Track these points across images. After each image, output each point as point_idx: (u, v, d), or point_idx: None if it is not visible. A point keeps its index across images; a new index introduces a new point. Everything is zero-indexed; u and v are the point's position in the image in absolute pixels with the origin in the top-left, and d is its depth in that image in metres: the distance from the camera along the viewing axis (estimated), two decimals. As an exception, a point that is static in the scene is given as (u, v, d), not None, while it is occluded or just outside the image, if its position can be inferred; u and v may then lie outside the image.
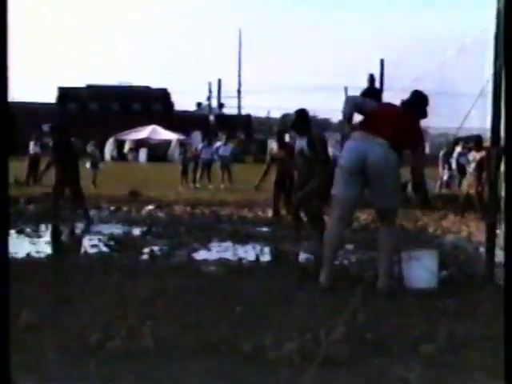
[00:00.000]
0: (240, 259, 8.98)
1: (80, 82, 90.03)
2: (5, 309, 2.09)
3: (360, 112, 7.25)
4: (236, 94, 77.37)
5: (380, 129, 6.84)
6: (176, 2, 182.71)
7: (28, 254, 9.06)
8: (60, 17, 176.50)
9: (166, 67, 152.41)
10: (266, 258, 9.31)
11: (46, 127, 68.69)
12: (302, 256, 9.60)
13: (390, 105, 7.66)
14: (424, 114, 7.33)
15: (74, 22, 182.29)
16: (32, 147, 24.96)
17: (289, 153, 11.83)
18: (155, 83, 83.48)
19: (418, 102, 7.29)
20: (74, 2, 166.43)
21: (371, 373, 4.44)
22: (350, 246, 10.11)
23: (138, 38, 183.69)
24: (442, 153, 24.72)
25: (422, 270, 6.95)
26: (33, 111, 67.88)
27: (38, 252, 9.42)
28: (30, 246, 10.15)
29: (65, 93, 76.41)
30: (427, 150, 25.91)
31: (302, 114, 9.98)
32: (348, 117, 7.18)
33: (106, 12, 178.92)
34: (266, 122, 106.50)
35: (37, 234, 11.52)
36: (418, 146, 7.22)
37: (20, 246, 10.05)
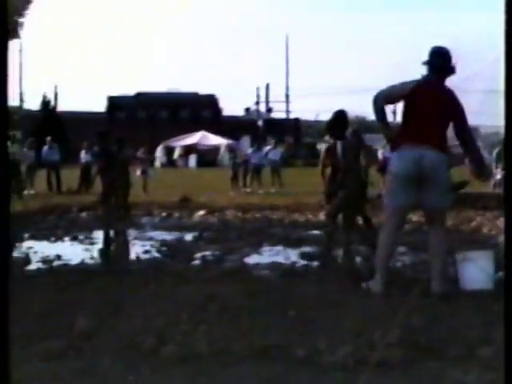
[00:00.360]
0: (292, 263, 8.95)
1: (129, 91, 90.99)
2: (5, 309, 2.10)
3: (392, 101, 7.02)
4: (284, 98, 77.28)
5: (426, 125, 6.68)
6: (223, 9, 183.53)
7: (82, 261, 9.17)
8: (109, 26, 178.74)
9: (214, 73, 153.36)
10: (318, 261, 9.25)
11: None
12: (355, 260, 9.53)
13: (423, 85, 6.97)
14: (452, 70, 7.04)
15: (123, 31, 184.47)
16: (83, 156, 25.30)
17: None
18: (203, 89, 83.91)
19: (441, 62, 7.00)
20: (123, 11, 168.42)
21: (426, 377, 4.38)
22: (402, 249, 10.01)
23: (185, 44, 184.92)
24: (495, 152, 24.36)
25: (477, 272, 6.84)
26: (83, 120, 68.85)
27: (91, 259, 9.54)
28: (83, 253, 10.28)
29: (114, 101, 77.43)
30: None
31: (340, 115, 9.76)
32: (380, 114, 6.96)
33: (155, 20, 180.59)
34: (315, 125, 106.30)
35: (90, 241, 11.66)
36: (464, 116, 6.99)
37: (74, 253, 10.19)
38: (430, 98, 6.82)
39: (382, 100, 6.89)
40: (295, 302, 6.25)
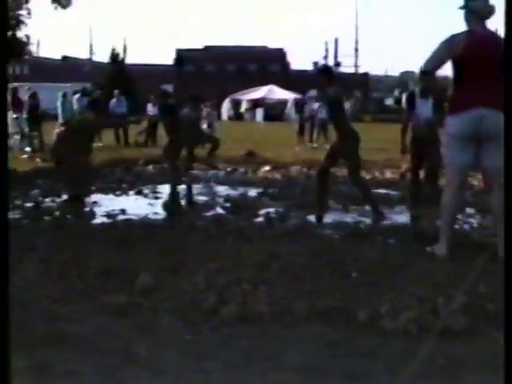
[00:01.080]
0: (357, 222, 8.82)
1: (197, 44, 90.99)
2: (5, 309, 2.06)
3: (440, 66, 6.68)
4: (353, 52, 76.17)
5: (483, 82, 6.37)
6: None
7: (146, 216, 9.22)
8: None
9: (283, 27, 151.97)
10: (384, 221, 9.09)
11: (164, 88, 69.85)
12: (422, 221, 9.34)
13: (471, 38, 6.48)
14: (492, 11, 6.53)
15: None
16: (150, 109, 25.40)
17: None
18: (272, 43, 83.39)
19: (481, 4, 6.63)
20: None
21: (491, 346, 4.25)
22: (471, 210, 9.78)
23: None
24: None
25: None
26: (151, 73, 69.23)
27: (155, 214, 9.58)
28: (147, 207, 10.33)
29: (182, 54, 77.56)
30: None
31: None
32: (434, 85, 6.69)
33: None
34: (384, 80, 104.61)
35: (154, 195, 11.71)
36: None
37: (138, 207, 10.26)
38: (481, 51, 6.46)
39: (432, 69, 6.61)
40: (358, 264, 6.16)
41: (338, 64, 78.32)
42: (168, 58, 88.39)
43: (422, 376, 3.79)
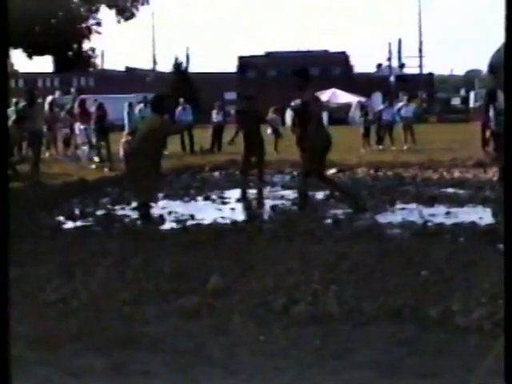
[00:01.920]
0: (425, 222, 8.75)
1: (259, 51, 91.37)
2: (5, 309, 2.10)
3: None
4: (417, 53, 75.34)
5: None
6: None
7: (214, 220, 9.32)
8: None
9: (345, 30, 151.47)
10: (452, 220, 9.00)
11: (227, 96, 70.31)
12: (490, 218, 9.21)
13: None
14: None
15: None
16: (215, 116, 25.58)
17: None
18: (334, 47, 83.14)
19: None
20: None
21: None
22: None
23: (315, 2, 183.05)
24: None
25: None
26: (214, 81, 69.75)
27: (223, 218, 9.67)
28: (215, 212, 10.43)
29: (244, 61, 77.94)
30: None
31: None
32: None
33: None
34: (449, 79, 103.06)
35: (222, 200, 11.80)
36: None
37: (206, 212, 10.37)
38: None
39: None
40: (428, 262, 6.12)
41: (402, 65, 77.47)
42: (230, 66, 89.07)
43: (496, 372, 3.75)
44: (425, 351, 4.28)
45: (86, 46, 20.67)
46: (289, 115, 56.81)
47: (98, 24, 19.57)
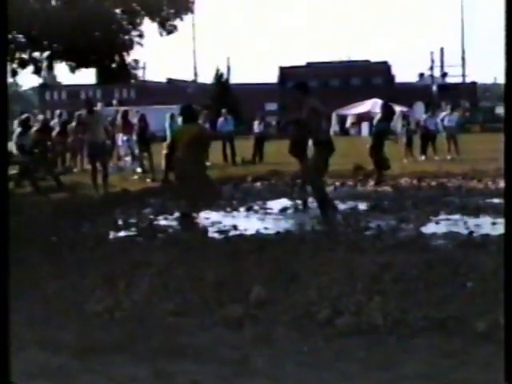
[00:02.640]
0: (470, 233, 8.65)
1: (300, 61, 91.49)
2: (5, 309, 2.10)
3: None
4: (460, 61, 74.74)
5: None
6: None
7: (257, 231, 9.32)
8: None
9: (387, 40, 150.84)
10: (497, 231, 8.87)
11: (268, 106, 70.47)
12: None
13: None
14: None
15: (293, 1, 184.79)
16: (256, 126, 25.64)
17: None
18: (375, 57, 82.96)
19: None
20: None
21: None
22: None
23: (355, 11, 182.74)
24: None
25: None
26: (255, 92, 69.96)
27: (266, 228, 9.66)
28: (258, 222, 10.43)
29: (285, 72, 78.11)
30: None
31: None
32: None
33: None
34: (493, 88, 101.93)
35: (264, 211, 11.79)
36: None
37: (249, 222, 10.37)
38: None
39: None
40: (473, 273, 6.04)
41: (444, 74, 76.97)
42: (271, 77, 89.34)
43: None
44: (471, 364, 4.22)
45: (128, 58, 20.91)
46: (331, 124, 56.69)
47: (141, 36, 19.73)
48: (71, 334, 4.94)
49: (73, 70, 22.12)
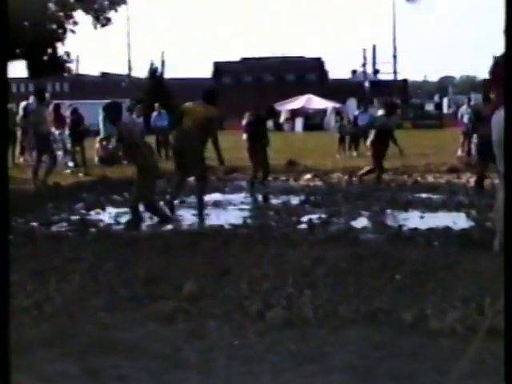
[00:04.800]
0: (399, 226, 8.80)
1: (234, 56, 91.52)
2: (5, 308, 2.09)
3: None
4: (391, 59, 75.75)
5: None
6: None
7: (189, 225, 9.31)
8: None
9: (320, 36, 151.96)
10: (426, 225, 9.05)
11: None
12: (464, 222, 9.28)
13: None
14: None
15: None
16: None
17: None
18: (309, 53, 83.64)
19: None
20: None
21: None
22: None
23: (290, 8, 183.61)
24: None
25: None
26: (190, 86, 69.59)
27: (198, 223, 9.67)
28: (190, 217, 10.42)
29: (220, 67, 78.04)
30: None
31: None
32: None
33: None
34: (423, 85, 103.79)
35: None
36: None
37: (181, 216, 10.35)
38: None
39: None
40: (402, 266, 6.15)
41: (376, 71, 77.94)
42: (206, 72, 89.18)
43: (470, 376, 3.79)
44: (399, 354, 4.31)
45: (60, 50, 20.49)
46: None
47: (75, 23, 19.32)
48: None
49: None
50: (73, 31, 21.39)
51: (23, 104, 22.37)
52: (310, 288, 5.51)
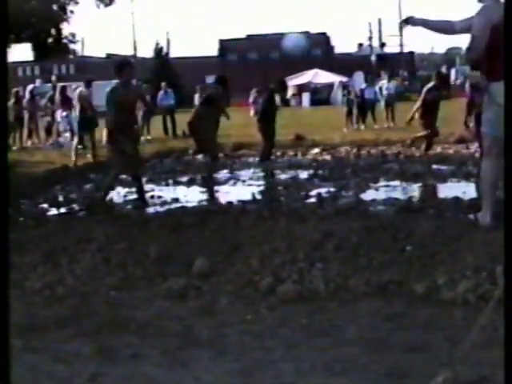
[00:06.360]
0: (409, 198, 8.78)
1: (240, 33, 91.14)
2: (5, 309, 2.08)
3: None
4: (397, 32, 75.24)
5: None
6: None
7: (198, 203, 9.32)
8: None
9: (326, 11, 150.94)
10: (435, 196, 9.04)
11: (209, 79, 70.17)
12: (473, 192, 9.25)
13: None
14: None
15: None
16: (197, 99, 25.50)
17: None
18: (315, 28, 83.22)
19: None
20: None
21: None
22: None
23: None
24: None
25: None
26: (195, 65, 69.53)
27: (208, 200, 9.67)
28: (199, 195, 10.43)
29: (225, 44, 77.76)
30: None
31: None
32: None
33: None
34: (430, 57, 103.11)
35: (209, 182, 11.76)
36: None
37: (191, 195, 10.35)
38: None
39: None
40: (413, 238, 6.14)
41: (383, 44, 77.42)
42: (211, 50, 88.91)
43: (482, 345, 3.78)
44: (411, 326, 4.31)
45: (65, 32, 20.50)
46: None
47: (76, 3, 19.21)
48: (12, 312, 4.87)
49: (8, 44, 21.66)
50: (72, 12, 21.31)
51: (30, 87, 22.39)
52: (321, 262, 5.51)
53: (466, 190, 9.21)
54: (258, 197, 9.70)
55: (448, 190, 9.55)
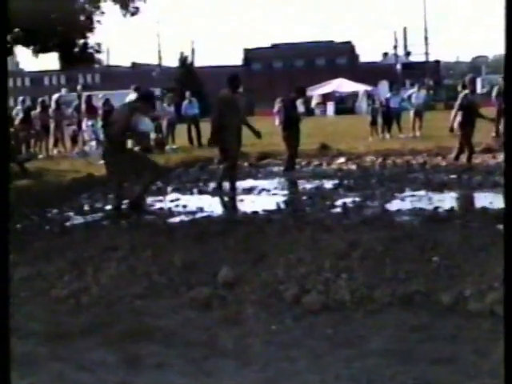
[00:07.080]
0: (435, 208, 8.72)
1: (265, 42, 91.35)
2: (6, 310, 2.08)
3: None
4: (423, 40, 75.04)
5: None
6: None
7: (223, 212, 9.32)
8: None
9: (351, 20, 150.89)
10: (461, 206, 8.97)
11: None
12: (500, 202, 9.16)
13: None
14: None
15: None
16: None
17: None
18: (340, 37, 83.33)
19: None
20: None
21: None
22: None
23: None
24: None
25: None
26: (220, 74, 69.67)
27: (233, 209, 9.67)
28: (224, 203, 10.43)
29: (250, 54, 77.99)
30: None
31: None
32: None
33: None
34: (456, 66, 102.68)
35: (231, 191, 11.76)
36: None
37: (216, 204, 10.36)
38: None
39: None
40: (439, 248, 6.09)
41: (408, 53, 77.31)
42: (237, 59, 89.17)
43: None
44: (437, 337, 4.27)
45: (91, 41, 20.67)
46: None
47: (102, 13, 19.43)
48: (38, 321, 4.90)
49: (35, 54, 21.86)
50: (98, 21, 21.47)
51: (56, 96, 22.58)
52: (346, 272, 5.48)
53: (492, 200, 9.13)
54: (283, 206, 9.68)
55: (475, 199, 9.48)
